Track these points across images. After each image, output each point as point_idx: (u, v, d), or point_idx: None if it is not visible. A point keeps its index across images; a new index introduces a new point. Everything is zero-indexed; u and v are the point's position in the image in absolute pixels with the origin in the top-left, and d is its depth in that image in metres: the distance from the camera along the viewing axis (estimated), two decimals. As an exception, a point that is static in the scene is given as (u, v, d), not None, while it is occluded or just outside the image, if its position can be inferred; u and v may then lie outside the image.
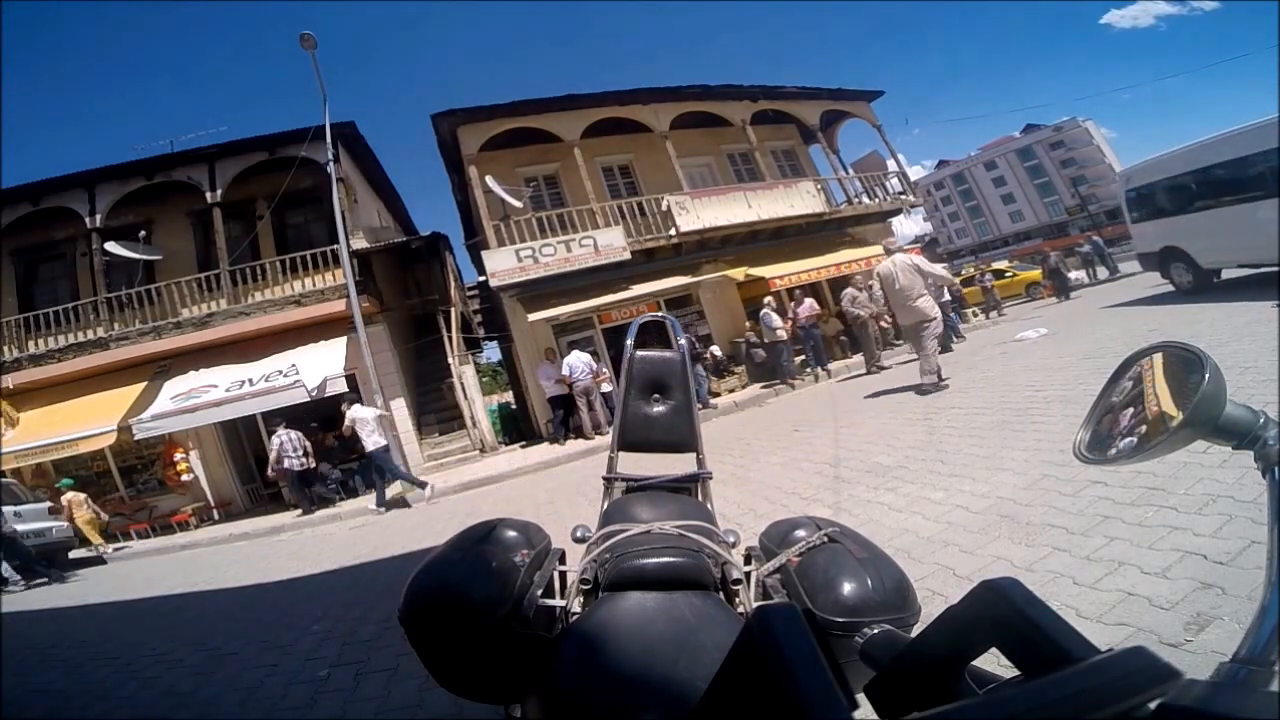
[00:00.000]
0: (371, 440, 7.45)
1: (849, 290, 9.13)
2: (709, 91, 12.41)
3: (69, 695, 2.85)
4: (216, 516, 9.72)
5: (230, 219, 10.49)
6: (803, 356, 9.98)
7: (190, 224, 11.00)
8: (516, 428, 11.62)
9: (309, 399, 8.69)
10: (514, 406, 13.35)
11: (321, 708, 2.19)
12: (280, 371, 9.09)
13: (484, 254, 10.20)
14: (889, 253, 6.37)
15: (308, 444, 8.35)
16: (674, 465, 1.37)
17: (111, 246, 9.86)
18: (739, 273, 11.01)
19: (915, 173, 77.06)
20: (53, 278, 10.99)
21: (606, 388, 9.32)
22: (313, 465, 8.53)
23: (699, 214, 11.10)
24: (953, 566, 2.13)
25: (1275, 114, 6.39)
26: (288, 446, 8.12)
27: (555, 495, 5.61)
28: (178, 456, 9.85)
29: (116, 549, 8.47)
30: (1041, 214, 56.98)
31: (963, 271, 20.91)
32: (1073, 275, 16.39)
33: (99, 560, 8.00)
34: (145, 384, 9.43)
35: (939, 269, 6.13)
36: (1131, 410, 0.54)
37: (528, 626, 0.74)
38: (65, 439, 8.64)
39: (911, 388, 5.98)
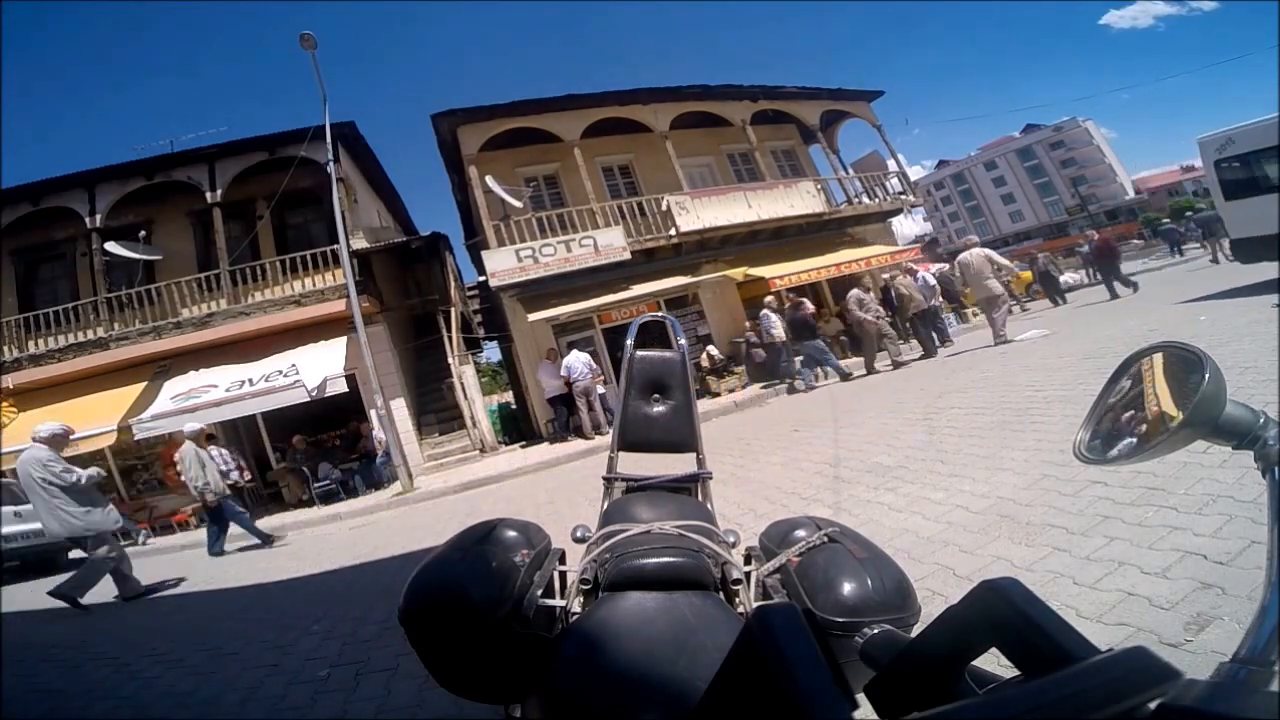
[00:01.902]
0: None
1: (854, 292, 9.08)
2: (709, 91, 12.41)
3: (69, 695, 2.84)
4: (216, 516, 9.70)
5: (230, 219, 10.49)
6: (802, 357, 9.95)
7: (190, 224, 11.01)
8: (516, 428, 11.61)
9: (309, 399, 8.69)
10: (514, 406, 13.34)
11: (322, 708, 2.19)
12: (280, 371, 9.09)
13: (484, 254, 10.20)
14: (968, 247, 8.62)
15: (240, 460, 8.43)
16: (674, 465, 1.37)
17: (111, 246, 9.86)
18: (739, 273, 11.01)
19: (915, 173, 77.07)
20: (53, 278, 10.99)
21: (605, 389, 9.32)
22: (242, 481, 8.56)
23: (699, 214, 11.10)
24: (953, 566, 2.13)
25: None
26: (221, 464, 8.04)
27: (555, 495, 5.60)
28: (178, 456, 9.83)
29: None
30: (1041, 214, 57.00)
31: None
32: (1072, 277, 16.27)
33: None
34: (145, 384, 9.42)
35: (1008, 263, 8.68)
36: (1131, 410, 0.54)
37: (528, 626, 0.74)
38: (65, 439, 8.63)
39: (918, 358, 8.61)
